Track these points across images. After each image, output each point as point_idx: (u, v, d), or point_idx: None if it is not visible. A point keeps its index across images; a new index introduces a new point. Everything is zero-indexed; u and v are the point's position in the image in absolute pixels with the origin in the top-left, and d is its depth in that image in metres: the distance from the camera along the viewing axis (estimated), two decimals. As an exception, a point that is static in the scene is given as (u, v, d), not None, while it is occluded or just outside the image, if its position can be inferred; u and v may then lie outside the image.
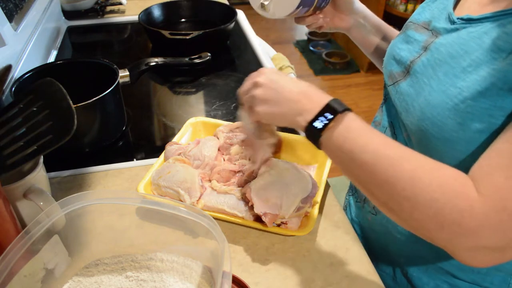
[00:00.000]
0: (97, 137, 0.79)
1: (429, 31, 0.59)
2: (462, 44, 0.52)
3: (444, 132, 0.51)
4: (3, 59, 0.81)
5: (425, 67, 0.56)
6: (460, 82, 0.50)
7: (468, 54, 0.50)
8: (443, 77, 0.52)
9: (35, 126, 0.52)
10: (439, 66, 0.54)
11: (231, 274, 0.43)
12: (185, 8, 1.32)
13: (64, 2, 1.34)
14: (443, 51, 0.54)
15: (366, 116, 2.53)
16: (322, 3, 0.66)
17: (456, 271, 0.60)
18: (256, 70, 0.56)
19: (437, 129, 0.51)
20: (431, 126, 0.52)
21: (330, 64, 3.05)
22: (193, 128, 0.80)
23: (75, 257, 0.52)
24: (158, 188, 0.65)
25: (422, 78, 0.56)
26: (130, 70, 0.88)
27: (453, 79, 0.51)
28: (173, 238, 0.53)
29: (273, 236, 0.62)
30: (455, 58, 0.52)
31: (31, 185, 0.55)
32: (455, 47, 0.52)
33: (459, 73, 0.50)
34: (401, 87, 0.60)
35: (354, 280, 0.56)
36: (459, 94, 0.49)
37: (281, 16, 0.62)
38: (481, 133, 0.48)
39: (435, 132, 0.52)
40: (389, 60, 0.66)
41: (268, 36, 3.38)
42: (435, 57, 0.55)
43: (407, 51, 0.62)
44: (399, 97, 0.61)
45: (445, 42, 0.55)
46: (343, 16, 0.73)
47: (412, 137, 0.57)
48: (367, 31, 0.76)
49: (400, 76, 0.61)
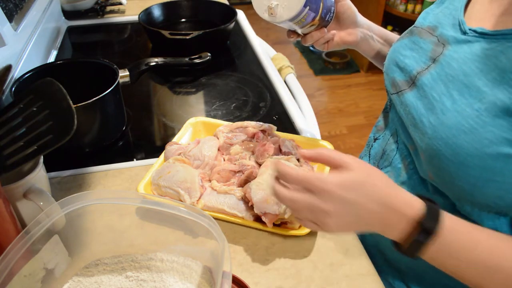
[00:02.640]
0: (97, 137, 0.79)
1: (435, 37, 0.58)
2: (476, 61, 0.50)
3: (458, 155, 0.48)
4: (3, 59, 0.81)
5: (435, 81, 0.54)
6: (477, 104, 0.48)
7: (483, 73, 0.49)
8: (457, 96, 0.50)
9: (35, 126, 0.52)
10: (452, 83, 0.52)
11: (231, 274, 0.43)
12: (185, 8, 1.32)
13: (64, 2, 1.34)
14: (455, 66, 0.52)
15: (366, 116, 2.54)
16: (327, 15, 0.65)
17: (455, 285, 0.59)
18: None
19: (451, 151, 0.49)
20: (444, 147, 0.50)
21: (330, 64, 3.05)
22: (193, 128, 0.80)
23: (75, 257, 0.52)
24: (158, 188, 0.65)
25: (431, 92, 0.54)
26: (130, 70, 0.88)
27: (469, 100, 0.49)
28: (173, 238, 0.53)
29: (273, 236, 0.62)
30: (470, 77, 0.50)
31: (31, 185, 0.55)
32: (469, 64, 0.51)
33: (474, 93, 0.49)
34: (406, 98, 0.58)
35: (354, 280, 0.56)
36: (476, 118, 0.47)
37: (289, 16, 0.60)
38: (496, 160, 0.46)
39: (448, 154, 0.49)
40: (390, 66, 0.64)
41: (268, 36, 3.39)
42: (447, 72, 0.53)
43: (412, 59, 0.60)
44: (404, 109, 0.59)
45: (456, 56, 0.53)
46: (350, 30, 0.70)
47: (422, 154, 0.55)
48: (375, 42, 0.74)
49: (405, 85, 0.60)
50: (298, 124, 0.87)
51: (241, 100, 0.97)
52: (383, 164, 0.66)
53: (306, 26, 0.64)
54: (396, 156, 0.63)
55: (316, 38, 0.67)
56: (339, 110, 2.63)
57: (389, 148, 0.66)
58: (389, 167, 0.64)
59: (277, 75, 1.06)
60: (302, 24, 0.63)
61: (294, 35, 0.68)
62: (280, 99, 0.97)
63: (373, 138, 0.72)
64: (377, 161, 0.68)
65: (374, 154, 0.70)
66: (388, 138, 0.67)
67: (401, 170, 0.62)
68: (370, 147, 0.71)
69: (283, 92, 0.99)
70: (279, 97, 0.98)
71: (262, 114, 0.92)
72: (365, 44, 0.73)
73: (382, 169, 0.66)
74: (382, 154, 0.67)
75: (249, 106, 0.95)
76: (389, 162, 0.65)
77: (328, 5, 0.64)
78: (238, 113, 0.93)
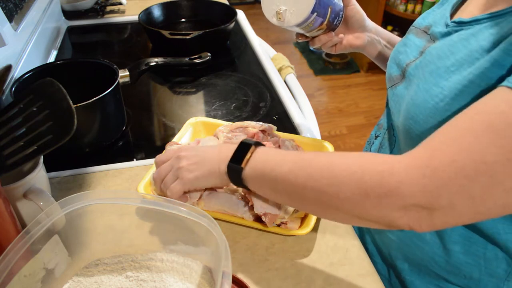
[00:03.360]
0: (97, 137, 0.79)
1: (428, 35, 0.60)
2: (450, 45, 0.52)
3: (426, 131, 0.51)
4: (3, 59, 0.81)
5: (417, 69, 0.57)
6: (443, 82, 0.50)
7: (453, 54, 0.51)
8: (428, 76, 0.53)
9: (35, 126, 0.52)
10: (427, 66, 0.54)
11: (231, 274, 0.43)
12: (185, 8, 1.32)
13: (64, 2, 1.34)
14: (433, 53, 0.55)
15: (366, 116, 2.54)
16: (335, 20, 0.65)
17: (448, 276, 0.60)
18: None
19: (419, 127, 0.52)
20: (414, 124, 0.53)
21: (330, 64, 3.05)
22: (193, 128, 0.80)
23: (75, 257, 0.52)
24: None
25: (413, 79, 0.56)
26: (130, 70, 0.88)
27: (436, 79, 0.51)
28: (173, 238, 0.53)
29: (273, 236, 0.62)
30: (442, 59, 0.52)
31: (31, 185, 0.55)
32: (444, 49, 0.53)
33: (443, 73, 0.51)
34: (398, 90, 0.61)
35: (354, 280, 0.56)
36: (440, 93, 0.50)
37: (297, 21, 0.61)
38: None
39: (417, 131, 0.52)
40: (390, 64, 0.66)
41: (268, 36, 3.38)
42: (426, 59, 0.55)
43: (404, 54, 0.62)
44: (394, 99, 0.61)
45: (437, 45, 0.55)
46: (358, 34, 0.72)
47: (400, 136, 0.58)
48: (382, 46, 0.75)
49: (398, 79, 0.62)
50: (298, 124, 0.87)
51: (241, 100, 0.97)
52: None
53: (314, 30, 0.65)
54: (395, 148, 0.64)
55: (324, 41, 0.69)
56: (339, 110, 2.63)
57: (386, 142, 0.67)
58: None
59: (277, 75, 1.06)
60: (310, 28, 0.64)
61: (303, 37, 0.70)
62: (280, 99, 0.97)
63: (374, 135, 0.73)
64: None
65: (374, 150, 0.71)
66: (384, 134, 0.68)
67: None
68: (371, 144, 0.72)
69: (283, 92, 0.99)
70: (279, 97, 0.98)
71: (262, 114, 0.92)
72: (372, 48, 0.75)
73: None
74: (379, 149, 0.68)
75: (249, 106, 0.95)
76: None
77: (337, 10, 0.65)
78: (238, 113, 0.93)
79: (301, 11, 0.60)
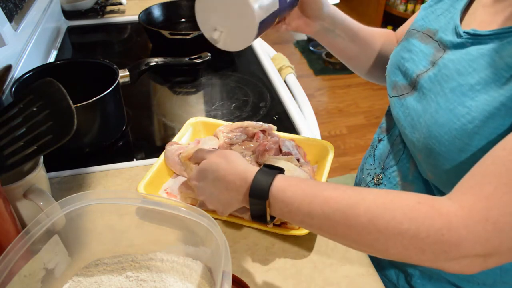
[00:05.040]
0: (97, 137, 0.79)
1: (435, 42, 0.58)
2: (470, 60, 0.50)
3: (451, 152, 0.49)
4: (3, 59, 0.81)
5: (432, 82, 0.54)
6: (469, 101, 0.48)
7: (476, 72, 0.49)
8: (450, 94, 0.51)
9: (35, 126, 0.52)
10: (446, 82, 0.52)
11: (231, 274, 0.43)
12: (185, 8, 1.32)
13: (64, 2, 1.34)
14: (450, 66, 0.52)
15: (366, 116, 2.54)
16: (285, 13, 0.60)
17: (461, 282, 0.60)
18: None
19: (444, 148, 0.50)
20: (437, 144, 0.51)
21: (330, 64, 3.05)
22: (193, 128, 0.80)
23: (75, 257, 0.52)
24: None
25: (429, 94, 0.54)
26: (130, 70, 0.88)
27: (461, 98, 0.49)
28: (173, 238, 0.53)
29: (273, 236, 0.62)
30: (463, 75, 0.50)
31: (31, 185, 0.54)
32: (463, 64, 0.51)
33: (467, 91, 0.49)
34: (408, 101, 0.58)
35: (354, 280, 0.56)
36: (467, 114, 0.47)
37: (236, 49, 0.55)
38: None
39: (442, 152, 0.50)
40: (393, 69, 0.64)
41: (268, 36, 3.37)
42: (443, 72, 0.53)
43: (412, 63, 0.60)
44: (404, 111, 0.59)
45: (453, 57, 0.53)
46: (309, 22, 0.67)
47: (419, 155, 0.55)
48: (334, 36, 0.71)
49: (407, 89, 0.60)
50: (298, 124, 0.87)
51: (241, 100, 0.97)
52: (389, 163, 0.66)
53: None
54: (403, 155, 0.63)
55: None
56: (339, 110, 2.63)
57: (396, 148, 0.66)
58: (395, 167, 0.64)
59: (277, 75, 1.06)
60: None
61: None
62: (280, 99, 0.97)
63: (378, 139, 0.72)
64: (383, 161, 0.68)
65: (379, 154, 0.69)
66: (394, 138, 0.66)
67: (409, 170, 0.62)
68: (375, 148, 0.71)
69: (283, 92, 0.99)
70: (279, 97, 0.98)
71: (262, 114, 0.92)
72: (322, 37, 0.71)
73: (388, 169, 0.66)
74: (388, 154, 0.67)
75: (249, 106, 0.95)
76: (396, 162, 0.65)
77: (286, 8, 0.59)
78: (238, 113, 0.93)
79: (241, 40, 0.54)
